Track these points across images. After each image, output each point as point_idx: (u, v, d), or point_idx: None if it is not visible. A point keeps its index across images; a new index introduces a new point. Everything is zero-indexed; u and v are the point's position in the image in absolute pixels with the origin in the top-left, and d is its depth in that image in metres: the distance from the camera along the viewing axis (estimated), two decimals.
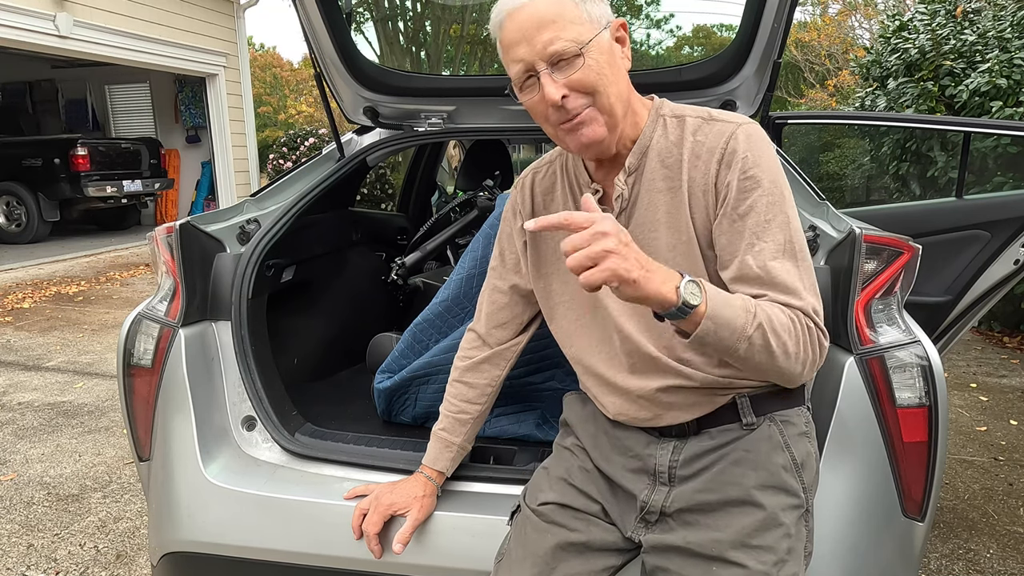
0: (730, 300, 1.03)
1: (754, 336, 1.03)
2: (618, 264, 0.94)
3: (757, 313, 1.03)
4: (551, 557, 1.22)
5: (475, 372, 1.45)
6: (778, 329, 1.04)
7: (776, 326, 1.04)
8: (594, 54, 1.10)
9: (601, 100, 1.12)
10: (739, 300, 1.04)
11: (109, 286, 7.35)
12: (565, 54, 1.09)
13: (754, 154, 1.12)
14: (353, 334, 2.47)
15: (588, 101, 1.12)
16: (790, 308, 1.07)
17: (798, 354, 1.07)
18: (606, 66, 1.12)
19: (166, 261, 1.67)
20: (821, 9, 15.44)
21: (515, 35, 1.11)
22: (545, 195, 1.34)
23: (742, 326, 1.02)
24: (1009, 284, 2.66)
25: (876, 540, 1.36)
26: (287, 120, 22.50)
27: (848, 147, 7.58)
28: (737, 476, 1.17)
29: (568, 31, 1.09)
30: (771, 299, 1.08)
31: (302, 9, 1.88)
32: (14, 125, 10.95)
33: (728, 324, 1.01)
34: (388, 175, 10.29)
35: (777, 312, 1.06)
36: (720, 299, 1.02)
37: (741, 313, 1.02)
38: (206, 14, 11.18)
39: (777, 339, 1.04)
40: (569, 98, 1.11)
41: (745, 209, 1.11)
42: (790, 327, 1.06)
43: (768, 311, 1.05)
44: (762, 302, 1.07)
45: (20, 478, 3.13)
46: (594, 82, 1.11)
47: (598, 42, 1.11)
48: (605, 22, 1.13)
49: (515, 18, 1.11)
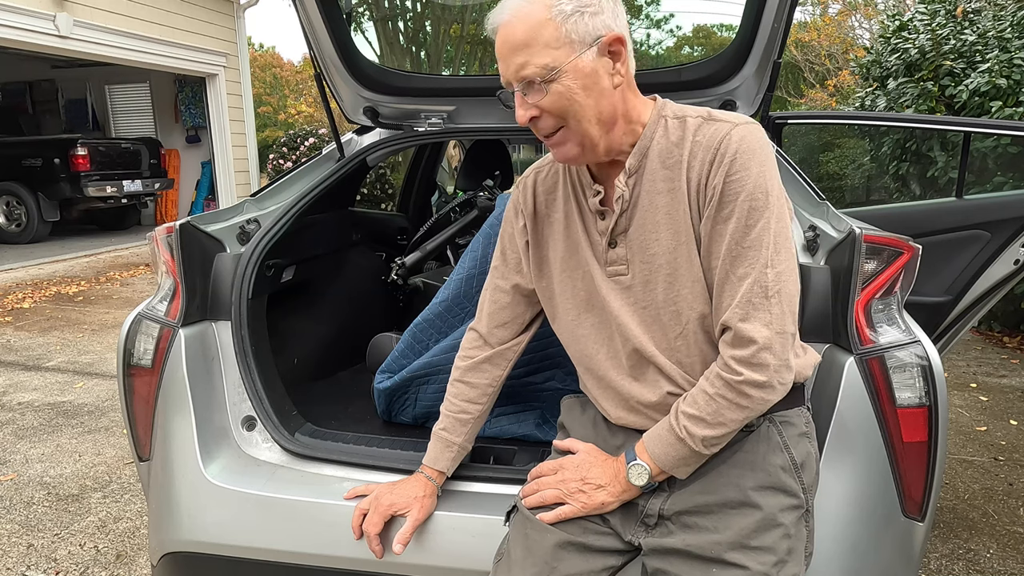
0: (665, 440, 1.17)
1: (705, 443, 1.14)
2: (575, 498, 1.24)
3: (688, 433, 1.14)
4: (551, 556, 1.22)
5: (476, 372, 1.45)
6: (712, 421, 1.13)
7: (709, 420, 1.13)
8: (567, 80, 1.09)
9: (571, 124, 1.13)
10: (670, 434, 1.16)
11: (109, 286, 7.35)
12: (534, 79, 1.10)
13: (743, 157, 1.10)
14: (353, 334, 2.47)
15: (558, 123, 1.14)
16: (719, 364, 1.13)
17: (746, 407, 1.12)
18: (580, 91, 1.10)
19: (166, 261, 1.67)
20: (821, 9, 15.42)
21: (498, 50, 1.13)
22: (547, 195, 1.34)
23: (690, 451, 1.15)
24: (1009, 284, 2.66)
25: (876, 540, 1.36)
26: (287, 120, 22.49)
27: (848, 147, 7.57)
28: (735, 477, 1.17)
29: (540, 57, 1.08)
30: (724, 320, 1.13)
31: (302, 9, 1.88)
32: (14, 125, 10.96)
33: (680, 458, 1.16)
34: (388, 175, 10.28)
35: (703, 401, 1.13)
36: (658, 451, 1.17)
37: (678, 445, 1.15)
38: (206, 14, 11.18)
39: (721, 427, 1.13)
40: (539, 119, 1.14)
41: (727, 214, 1.11)
42: (717, 407, 1.12)
43: (691, 412, 1.14)
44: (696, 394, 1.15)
45: (20, 478, 3.13)
46: (563, 108, 1.11)
47: (574, 66, 1.09)
48: (592, 39, 1.09)
49: (498, 35, 1.13)
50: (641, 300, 1.21)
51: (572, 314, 1.31)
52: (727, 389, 1.11)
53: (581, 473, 1.24)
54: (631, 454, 1.21)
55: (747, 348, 1.09)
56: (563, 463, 1.28)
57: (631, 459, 1.20)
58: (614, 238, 1.22)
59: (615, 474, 1.22)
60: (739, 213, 1.10)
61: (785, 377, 1.12)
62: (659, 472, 1.18)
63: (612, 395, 1.27)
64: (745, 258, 1.10)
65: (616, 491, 1.21)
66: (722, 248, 1.11)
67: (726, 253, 1.11)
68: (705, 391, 1.14)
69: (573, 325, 1.31)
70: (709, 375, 1.15)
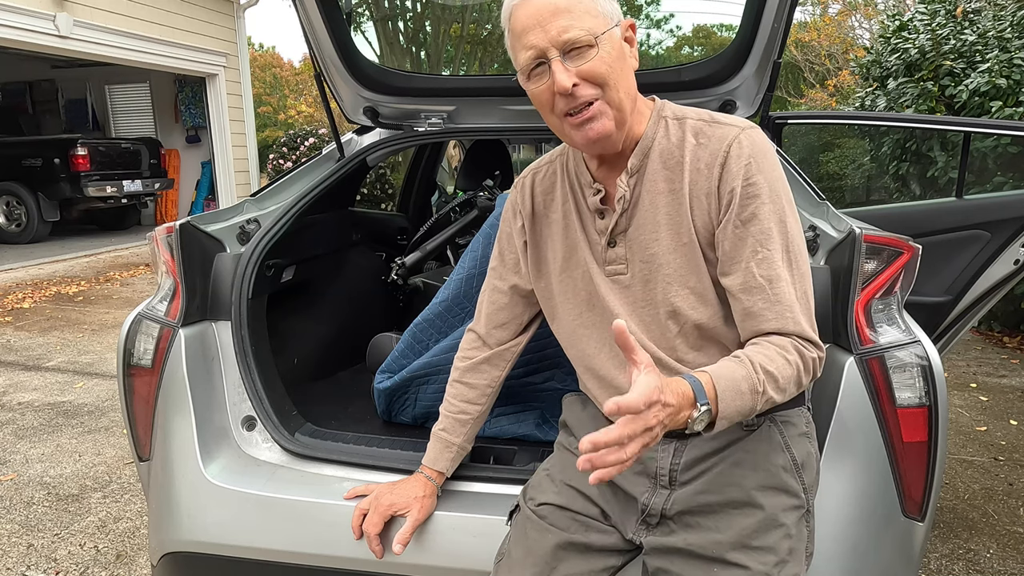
0: (739, 386, 1.01)
1: (763, 407, 1.05)
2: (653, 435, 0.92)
3: (766, 388, 1.04)
4: (551, 557, 1.22)
5: (475, 372, 1.45)
6: (783, 385, 1.07)
7: (782, 384, 1.06)
8: (606, 47, 1.10)
9: (611, 93, 1.12)
10: (748, 383, 1.02)
11: (109, 286, 7.35)
12: (579, 43, 1.09)
13: (757, 160, 1.12)
14: (353, 334, 2.47)
15: (597, 93, 1.12)
16: (797, 347, 1.08)
17: (798, 388, 1.10)
18: (617, 60, 1.12)
19: (166, 261, 1.67)
20: (821, 9, 15.43)
21: (528, 21, 1.11)
22: (545, 195, 1.34)
23: (751, 408, 1.03)
24: (1009, 284, 2.66)
25: (876, 540, 1.36)
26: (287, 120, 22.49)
27: (848, 147, 7.57)
28: (737, 477, 1.17)
29: (583, 20, 1.09)
30: (783, 337, 1.09)
31: (302, 9, 1.88)
32: (14, 125, 10.96)
33: (740, 412, 1.02)
34: (388, 175, 10.28)
35: (782, 365, 1.06)
36: (730, 394, 1.00)
37: (749, 398, 1.02)
38: (206, 14, 11.18)
39: (782, 394, 1.07)
40: (580, 87, 1.10)
41: (748, 216, 1.12)
42: (794, 376, 1.08)
43: (775, 371, 1.05)
44: (769, 353, 1.06)
45: (20, 478, 3.13)
46: (605, 74, 1.10)
47: (610, 36, 1.11)
48: (616, 19, 1.14)
49: (529, 5, 1.11)
50: (640, 299, 1.21)
51: (572, 314, 1.31)
52: (802, 362, 1.08)
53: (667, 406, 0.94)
54: (701, 393, 0.98)
55: (809, 346, 1.11)
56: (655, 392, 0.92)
57: (702, 400, 0.98)
58: (613, 237, 1.22)
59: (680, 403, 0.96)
60: (760, 215, 1.11)
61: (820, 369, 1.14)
62: (716, 420, 1.00)
63: (613, 394, 1.26)
64: (770, 262, 1.11)
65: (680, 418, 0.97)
66: (745, 251, 1.12)
67: (750, 255, 1.11)
68: (782, 355, 1.07)
69: (573, 325, 1.31)
70: (780, 343, 1.08)
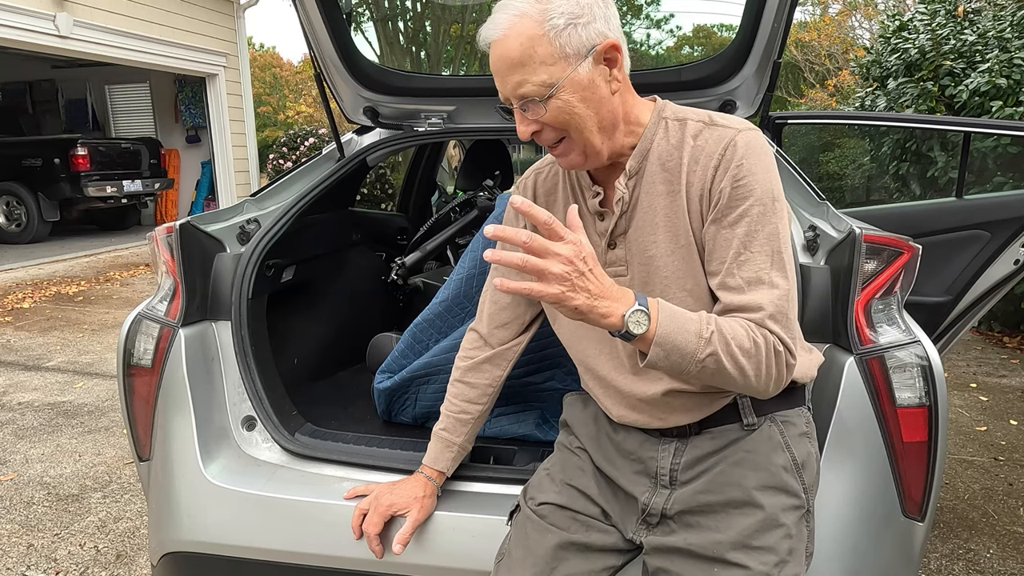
0: (685, 324, 1.02)
1: (706, 361, 1.03)
2: (559, 289, 0.95)
3: (712, 339, 1.03)
4: (551, 557, 1.22)
5: (476, 372, 1.45)
6: (736, 354, 1.04)
7: (734, 350, 1.03)
8: (565, 95, 1.09)
9: (573, 135, 1.13)
10: (695, 324, 1.03)
11: (109, 286, 7.35)
12: (533, 97, 1.09)
13: (750, 162, 1.11)
14: (353, 334, 2.47)
15: (560, 134, 1.13)
16: (762, 329, 1.07)
17: (759, 376, 1.06)
18: (579, 103, 1.10)
19: (166, 261, 1.67)
20: (821, 9, 15.44)
21: (494, 67, 1.12)
22: (548, 196, 1.34)
23: (692, 352, 1.02)
24: (1009, 284, 2.66)
25: (876, 540, 1.36)
26: (287, 120, 22.49)
27: (848, 147, 7.57)
28: (738, 477, 1.17)
29: (537, 74, 1.08)
30: (747, 317, 1.07)
31: (302, 9, 1.88)
32: (14, 125, 10.95)
33: (678, 349, 1.02)
34: (388, 175, 10.28)
35: (740, 335, 1.04)
36: (673, 325, 1.02)
37: (693, 339, 1.02)
38: (206, 14, 11.18)
39: (734, 363, 1.04)
40: (541, 133, 1.14)
41: (735, 218, 1.11)
42: (752, 350, 1.05)
43: (728, 334, 1.04)
44: (729, 322, 1.06)
45: (20, 478, 3.13)
46: (564, 121, 1.11)
47: (572, 80, 1.09)
48: (587, 50, 1.08)
49: (492, 51, 1.11)
50: None
51: None
52: (765, 344, 1.05)
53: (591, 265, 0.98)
54: (643, 299, 1.01)
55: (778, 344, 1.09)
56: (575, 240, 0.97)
57: (641, 303, 1.00)
58: (613, 239, 1.22)
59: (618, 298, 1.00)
60: (748, 217, 1.10)
61: (788, 376, 1.12)
62: (651, 340, 1.00)
63: (614, 394, 1.27)
64: (753, 263, 1.10)
65: (598, 311, 0.98)
66: (729, 252, 1.11)
67: (733, 256, 1.11)
68: (746, 329, 1.05)
69: (574, 326, 1.30)
70: (749, 324, 1.06)
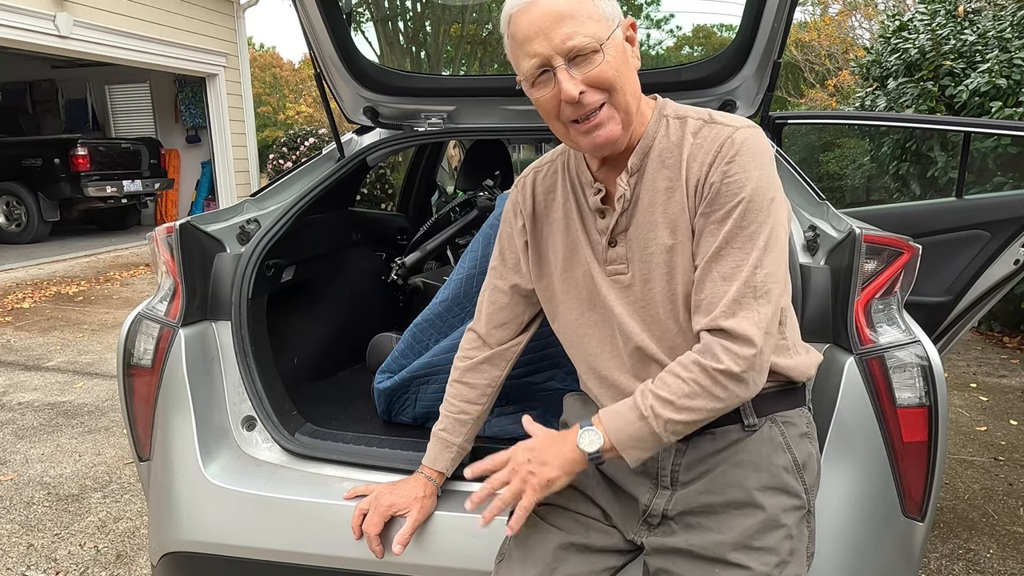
0: (627, 415, 1.11)
1: (668, 426, 1.09)
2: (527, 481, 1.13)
3: (655, 410, 1.08)
4: (552, 557, 1.22)
5: (475, 372, 1.45)
6: (685, 404, 1.08)
7: (681, 402, 1.08)
8: (611, 51, 1.10)
9: (617, 97, 1.12)
10: (634, 410, 1.10)
11: (109, 286, 7.35)
12: (584, 50, 1.08)
13: (743, 159, 1.10)
14: (353, 334, 2.47)
15: (604, 98, 1.11)
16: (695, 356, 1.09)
17: (722, 399, 1.09)
18: (622, 63, 1.12)
19: (166, 261, 1.67)
20: (821, 9, 15.43)
21: (530, 29, 1.09)
22: (546, 194, 1.34)
23: (649, 431, 1.09)
24: (1009, 284, 2.66)
25: (876, 540, 1.36)
26: (287, 120, 22.49)
27: (848, 147, 7.57)
28: (739, 478, 1.17)
29: (586, 27, 1.08)
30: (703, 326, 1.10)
31: (302, 9, 1.88)
32: (14, 125, 10.95)
33: (639, 439, 1.10)
34: (388, 175, 10.28)
35: (677, 386, 1.09)
36: (618, 422, 1.11)
37: (639, 423, 1.09)
38: (206, 14, 11.18)
39: (690, 411, 1.08)
40: (586, 93, 1.10)
41: (723, 214, 1.11)
42: (697, 390, 1.08)
43: (665, 394, 1.09)
44: (663, 378, 1.11)
45: (20, 478, 3.13)
46: (612, 79, 1.10)
47: (614, 39, 1.11)
48: (617, 20, 1.13)
49: (530, 11, 1.10)
50: (641, 299, 1.21)
51: (574, 314, 1.30)
52: (704, 376, 1.08)
53: (531, 454, 1.15)
54: (587, 422, 1.14)
55: (738, 343, 1.07)
56: (513, 449, 1.19)
57: (586, 425, 1.13)
58: (614, 237, 1.22)
59: (564, 445, 1.14)
60: (735, 213, 1.09)
61: (759, 380, 1.10)
62: (611, 447, 1.11)
63: (615, 394, 1.27)
64: (733, 257, 1.09)
65: (560, 462, 1.13)
66: (712, 245, 1.11)
67: (715, 251, 1.10)
68: (678, 375, 1.10)
69: (575, 325, 1.31)
70: (683, 361, 1.11)
